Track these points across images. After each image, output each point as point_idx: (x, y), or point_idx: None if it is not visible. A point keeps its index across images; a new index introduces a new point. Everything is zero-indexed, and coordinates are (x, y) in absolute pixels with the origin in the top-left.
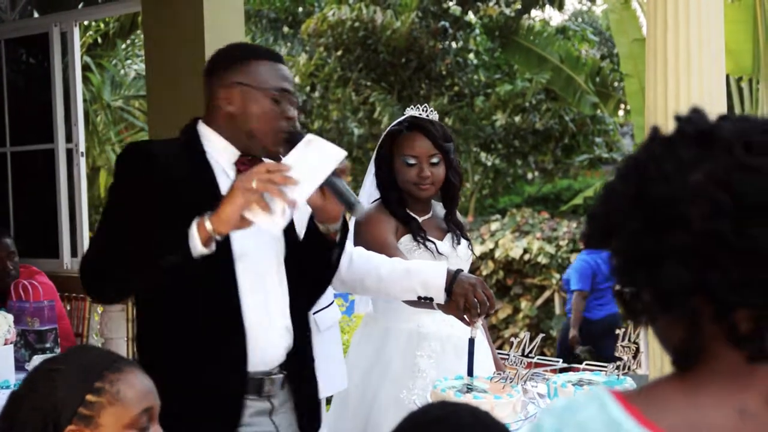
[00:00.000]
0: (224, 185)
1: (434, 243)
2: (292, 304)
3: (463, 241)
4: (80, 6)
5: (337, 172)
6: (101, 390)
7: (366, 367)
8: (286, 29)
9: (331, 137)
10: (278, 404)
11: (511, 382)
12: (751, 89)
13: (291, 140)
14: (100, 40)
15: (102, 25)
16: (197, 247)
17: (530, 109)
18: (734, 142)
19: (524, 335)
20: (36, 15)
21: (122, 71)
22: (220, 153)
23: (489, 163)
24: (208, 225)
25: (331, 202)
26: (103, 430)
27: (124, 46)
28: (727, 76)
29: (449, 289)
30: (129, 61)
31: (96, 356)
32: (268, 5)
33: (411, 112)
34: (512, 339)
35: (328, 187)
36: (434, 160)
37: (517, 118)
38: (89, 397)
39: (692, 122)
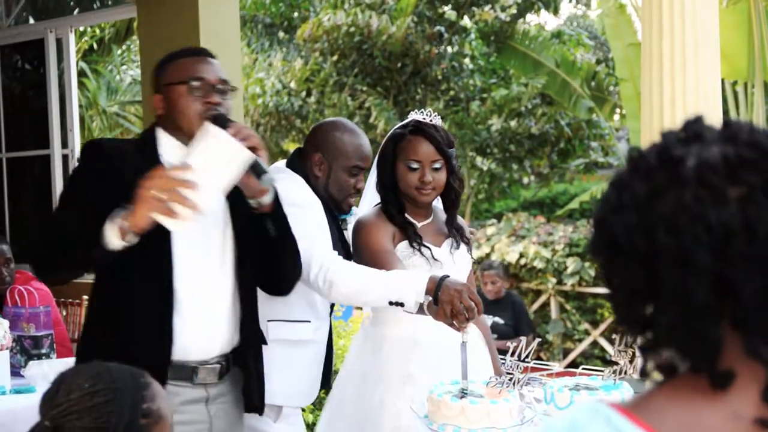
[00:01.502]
0: None
1: (430, 249)
2: (240, 293)
3: (463, 246)
4: (75, 12)
5: (251, 147)
6: (149, 412)
7: (362, 372)
8: (281, 34)
9: None
10: (216, 394)
11: (507, 386)
12: (746, 93)
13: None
14: (95, 45)
15: (97, 31)
16: (114, 241)
17: (526, 113)
18: (690, 179)
19: (521, 340)
20: (31, 21)
21: (118, 77)
22: (171, 154)
23: (485, 168)
24: (124, 223)
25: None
26: None
27: (119, 51)
28: (722, 81)
29: (435, 296)
30: (124, 67)
31: (130, 376)
32: (263, 10)
33: (415, 116)
34: (509, 344)
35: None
36: (437, 165)
37: (513, 123)
38: (142, 421)
39: (659, 150)
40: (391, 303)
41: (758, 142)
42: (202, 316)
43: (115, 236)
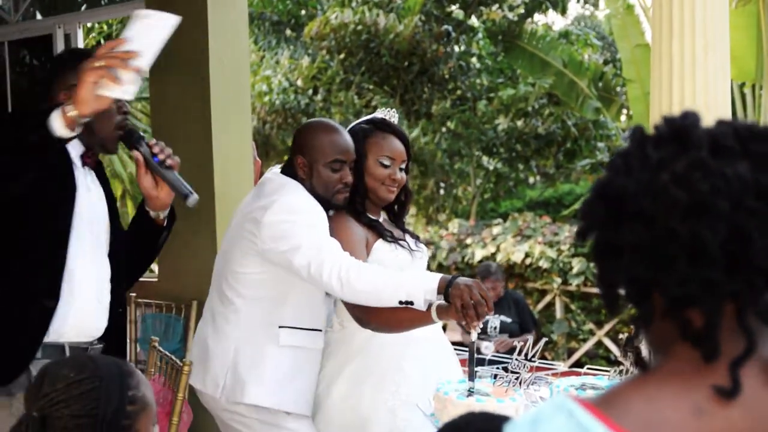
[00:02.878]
0: (78, 175)
1: (405, 240)
2: (112, 283)
3: (419, 244)
4: (83, 8)
5: (169, 165)
6: (135, 399)
7: (349, 375)
8: (288, 32)
9: None
10: None
11: (514, 385)
12: (754, 95)
13: (126, 135)
14: (103, 41)
15: (105, 27)
16: (60, 129)
17: (533, 113)
18: (702, 144)
19: (528, 339)
20: (39, 17)
21: None
22: (72, 147)
23: (491, 167)
24: (70, 110)
25: (163, 192)
26: None
27: None
28: (731, 82)
29: (446, 293)
30: None
31: (114, 364)
32: (270, 8)
33: (380, 114)
34: (515, 343)
35: (162, 178)
36: (403, 165)
37: (520, 123)
38: (129, 408)
39: (670, 122)
40: (401, 302)
41: (761, 126)
42: (82, 300)
43: (60, 124)
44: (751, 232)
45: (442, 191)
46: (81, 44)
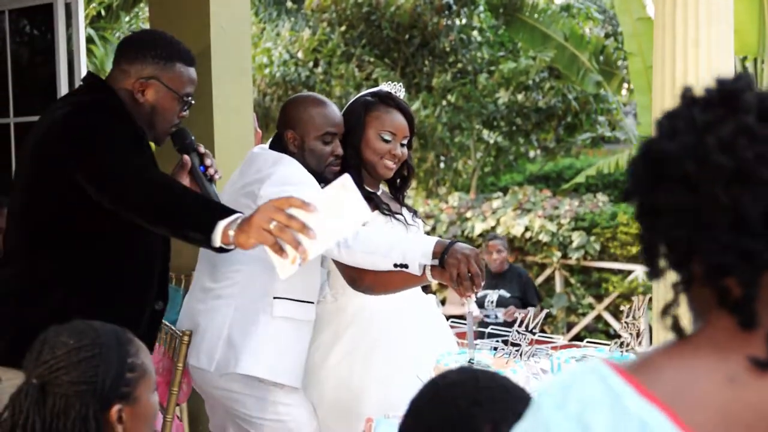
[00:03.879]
0: None
1: (402, 214)
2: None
3: (416, 219)
4: None
5: (211, 178)
6: (134, 366)
7: (345, 342)
8: (289, 4)
9: None
10: None
11: (514, 357)
12: (756, 69)
13: (177, 134)
14: (103, 12)
15: None
16: (216, 241)
17: (533, 87)
18: (751, 109)
19: (529, 310)
20: None
21: None
22: None
23: (491, 141)
24: (231, 234)
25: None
26: (139, 402)
27: (127, 18)
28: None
29: (442, 259)
30: None
31: (113, 332)
32: None
33: (386, 87)
34: (517, 314)
35: (201, 188)
36: (404, 141)
37: (520, 96)
38: (128, 375)
39: (720, 84)
40: (396, 265)
41: None
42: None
43: (219, 238)
44: None
45: (442, 164)
46: (81, 14)
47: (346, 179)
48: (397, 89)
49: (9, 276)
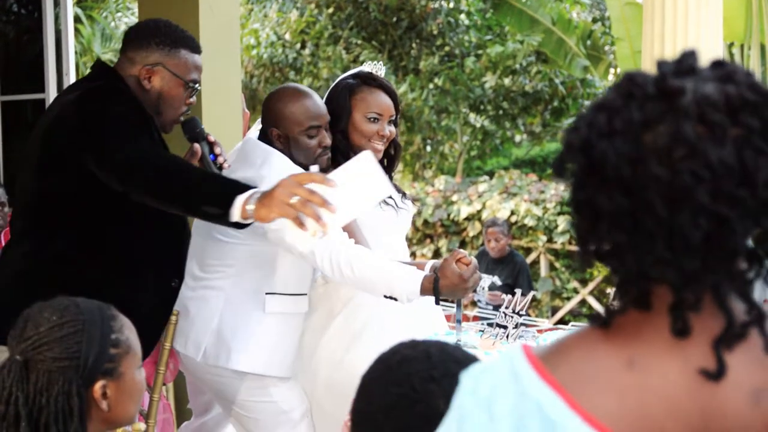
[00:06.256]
0: None
1: (393, 199)
2: None
3: (404, 198)
4: None
5: (221, 166)
6: (118, 342)
7: (338, 325)
8: None
9: (321, 95)
10: None
11: (501, 338)
12: (743, 55)
13: (188, 123)
14: None
15: None
16: (236, 216)
17: (520, 71)
18: (691, 112)
19: (516, 293)
20: None
21: (112, 23)
22: None
23: (478, 125)
24: (250, 208)
25: None
26: (124, 378)
27: None
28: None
29: (436, 289)
30: (119, 14)
31: (97, 308)
32: None
33: (367, 68)
34: (503, 296)
35: (204, 163)
36: (391, 120)
37: (507, 80)
38: (112, 351)
39: (662, 76)
40: (385, 296)
41: (757, 85)
42: None
43: (238, 213)
44: (732, 221)
45: (428, 148)
46: None
47: (367, 155)
48: (378, 68)
49: (20, 255)
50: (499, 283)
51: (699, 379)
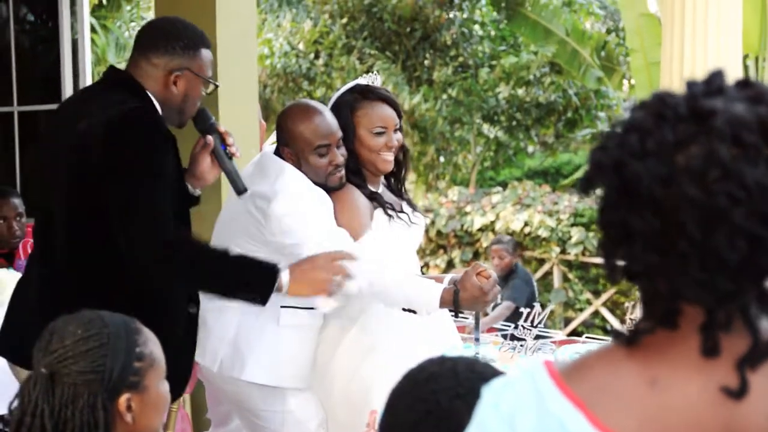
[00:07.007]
0: None
1: (406, 213)
2: None
3: (415, 211)
4: None
5: (232, 156)
6: (143, 355)
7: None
8: None
9: None
10: None
11: (519, 352)
12: (757, 68)
13: (199, 116)
14: (105, 1)
15: None
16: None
17: (534, 82)
18: (725, 134)
19: (535, 306)
20: None
21: (126, 33)
22: None
23: (491, 136)
24: (285, 284)
25: (212, 174)
26: (148, 391)
27: (129, 8)
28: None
29: (456, 302)
30: (133, 24)
31: (121, 322)
32: None
33: (363, 80)
34: (522, 310)
35: (222, 167)
36: (396, 129)
37: (521, 91)
38: (137, 364)
39: (693, 97)
40: (403, 309)
41: None
42: None
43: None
44: (767, 241)
45: (442, 158)
46: (86, 2)
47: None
48: (373, 78)
49: (45, 277)
50: (498, 301)
51: (721, 399)
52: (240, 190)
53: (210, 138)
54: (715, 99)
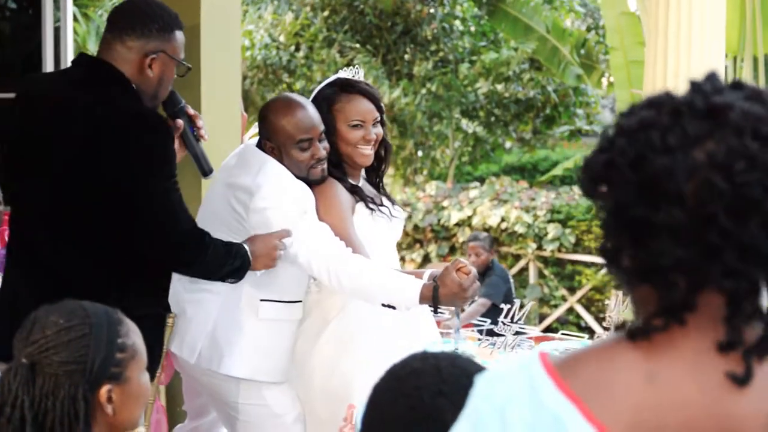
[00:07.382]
0: None
1: (387, 207)
2: None
3: (395, 205)
4: None
5: (199, 138)
6: (125, 346)
7: (332, 331)
8: None
9: None
10: None
11: (498, 348)
12: (735, 67)
13: (169, 99)
14: None
15: None
16: None
17: (514, 78)
18: (744, 128)
19: (515, 302)
20: None
21: None
22: None
23: (470, 131)
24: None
25: (179, 157)
26: (130, 382)
27: None
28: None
29: (435, 298)
30: None
31: (104, 312)
32: None
33: (344, 74)
34: (502, 306)
35: (189, 149)
36: (375, 122)
37: (500, 87)
38: (119, 355)
39: (704, 94)
40: (383, 305)
41: None
42: None
43: None
44: None
45: (420, 153)
46: None
47: None
48: (355, 73)
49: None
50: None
51: (718, 396)
52: (206, 171)
53: (180, 122)
54: (725, 96)
